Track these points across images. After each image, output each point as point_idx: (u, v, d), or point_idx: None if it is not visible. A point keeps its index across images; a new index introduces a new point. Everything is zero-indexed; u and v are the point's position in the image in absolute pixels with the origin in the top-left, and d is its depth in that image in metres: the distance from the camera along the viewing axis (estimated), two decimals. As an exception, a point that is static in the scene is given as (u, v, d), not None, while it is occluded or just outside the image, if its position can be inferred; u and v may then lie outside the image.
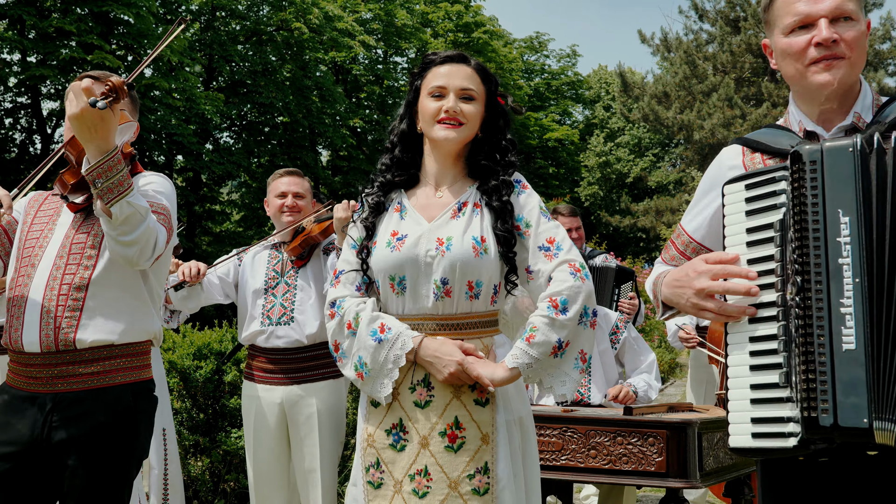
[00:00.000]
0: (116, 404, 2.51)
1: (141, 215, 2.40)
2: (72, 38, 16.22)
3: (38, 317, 2.47)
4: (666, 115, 24.88)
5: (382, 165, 2.52)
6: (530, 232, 2.37)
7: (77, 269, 2.51)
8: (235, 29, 23.00)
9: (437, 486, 2.28)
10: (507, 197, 2.39)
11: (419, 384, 2.32)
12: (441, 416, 2.30)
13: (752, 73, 25.15)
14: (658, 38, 26.63)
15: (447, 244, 2.32)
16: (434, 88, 2.39)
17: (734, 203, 1.86)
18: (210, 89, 21.41)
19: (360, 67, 26.31)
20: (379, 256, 2.38)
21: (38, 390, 2.48)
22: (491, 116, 2.45)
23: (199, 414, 5.40)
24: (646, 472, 3.11)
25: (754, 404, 1.75)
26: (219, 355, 5.40)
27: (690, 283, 1.87)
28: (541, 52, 33.24)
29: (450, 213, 2.38)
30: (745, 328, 1.80)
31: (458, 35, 27.40)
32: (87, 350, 2.49)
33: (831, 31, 1.84)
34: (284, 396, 3.82)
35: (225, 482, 5.34)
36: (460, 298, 2.33)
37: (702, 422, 3.13)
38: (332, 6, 23.13)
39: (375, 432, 2.38)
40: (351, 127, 25.62)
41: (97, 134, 2.30)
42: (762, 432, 1.73)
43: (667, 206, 25.40)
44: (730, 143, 2.05)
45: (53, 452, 2.45)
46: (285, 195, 3.98)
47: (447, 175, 2.46)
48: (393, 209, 2.46)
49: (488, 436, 2.30)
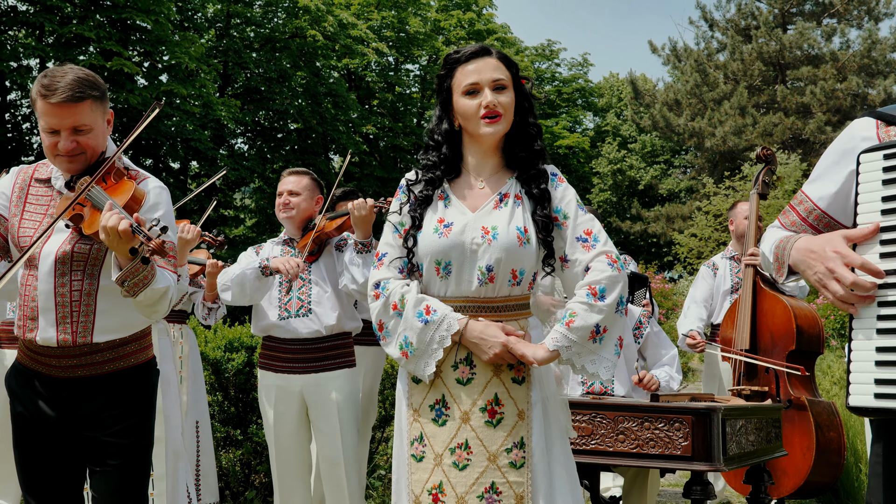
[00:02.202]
0: (132, 381, 2.75)
1: (162, 293, 2.60)
2: (91, 44, 16.42)
3: (54, 321, 2.65)
4: (677, 122, 25.00)
5: (429, 162, 2.65)
6: (568, 223, 2.52)
7: (83, 277, 2.68)
8: (250, 36, 23.22)
9: (476, 458, 2.42)
10: (545, 185, 2.54)
11: (462, 363, 2.47)
12: (482, 393, 2.45)
13: (762, 80, 25.25)
14: (668, 48, 26.79)
15: (493, 233, 2.47)
16: (468, 86, 2.53)
17: (870, 171, 1.89)
18: (225, 96, 21.60)
19: (373, 74, 26.49)
20: (426, 242, 2.52)
21: (58, 376, 2.69)
22: (519, 100, 2.59)
23: (231, 407, 5.56)
24: (672, 456, 3.24)
25: (879, 366, 1.80)
26: (249, 349, 5.56)
27: (825, 259, 1.89)
28: (552, 61, 33.36)
29: (492, 204, 2.53)
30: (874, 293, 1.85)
31: (471, 43, 27.54)
32: (103, 343, 2.70)
33: None
34: (304, 384, 3.98)
35: (256, 473, 5.49)
36: (503, 284, 2.48)
37: (725, 409, 3.26)
38: (345, 14, 23.33)
39: (420, 407, 2.53)
40: (363, 134, 25.81)
41: (123, 249, 2.45)
42: (885, 393, 1.78)
43: (678, 213, 25.50)
44: (861, 115, 2.07)
45: (78, 426, 2.67)
46: (282, 193, 4.16)
47: (486, 167, 2.61)
48: (437, 197, 2.60)
49: (524, 412, 2.45)
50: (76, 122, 2.63)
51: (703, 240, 19.92)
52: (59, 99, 2.58)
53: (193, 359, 4.96)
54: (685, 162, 32.32)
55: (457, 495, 2.42)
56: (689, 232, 20.86)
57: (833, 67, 23.53)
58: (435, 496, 2.45)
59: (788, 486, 4.57)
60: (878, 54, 23.67)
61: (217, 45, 21.91)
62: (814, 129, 22.79)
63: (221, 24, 22.59)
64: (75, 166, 2.70)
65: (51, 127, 2.63)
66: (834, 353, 9.90)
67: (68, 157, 2.67)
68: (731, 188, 19.48)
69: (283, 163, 24.35)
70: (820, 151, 23.03)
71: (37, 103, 2.65)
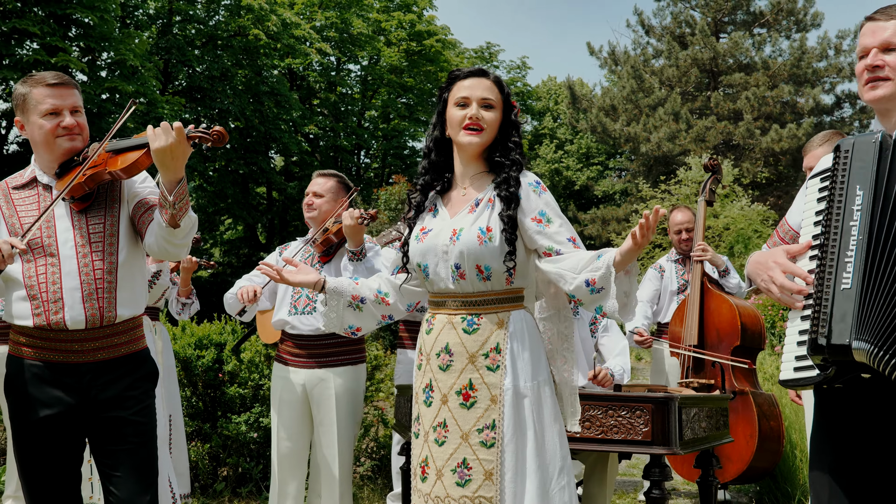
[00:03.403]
0: (143, 363, 3.03)
1: (194, 221, 2.89)
2: (33, 39, 16.21)
3: (81, 299, 2.88)
4: (613, 127, 25.55)
5: (422, 169, 2.96)
6: (552, 225, 2.79)
7: (104, 256, 2.94)
8: (192, 33, 23.09)
9: (452, 436, 2.73)
10: (514, 189, 2.79)
11: (443, 351, 2.77)
12: (458, 378, 2.75)
13: (696, 87, 25.99)
14: (606, 51, 27.35)
15: (458, 234, 2.76)
16: (459, 99, 2.82)
17: (811, 193, 2.34)
18: (166, 93, 21.46)
19: (315, 74, 26.53)
20: (411, 248, 2.87)
21: (78, 361, 2.89)
22: (505, 119, 2.87)
23: (199, 402, 5.72)
24: (633, 441, 3.53)
25: (798, 346, 2.24)
26: (218, 346, 5.73)
27: (767, 269, 2.34)
28: (491, 63, 33.76)
29: (468, 208, 2.82)
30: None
31: (411, 44, 27.71)
32: (121, 323, 2.96)
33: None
34: (307, 378, 4.19)
35: (225, 466, 5.66)
36: (473, 280, 2.75)
37: (682, 397, 3.57)
38: (289, 13, 23.35)
39: (418, 391, 2.86)
40: (305, 133, 25.85)
41: (179, 165, 2.75)
42: (801, 366, 2.23)
43: (613, 216, 26.03)
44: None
45: (102, 408, 2.90)
46: (308, 194, 4.38)
47: (469, 173, 2.89)
48: (427, 210, 2.91)
49: (496, 397, 2.72)
50: (74, 103, 2.98)
51: (640, 242, 20.41)
52: (59, 80, 2.95)
53: (167, 354, 5.11)
54: (620, 164, 33.01)
55: (436, 468, 2.74)
56: (626, 234, 21.40)
57: (764, 75, 24.38)
58: (423, 468, 2.78)
59: (732, 471, 4.93)
60: (806, 64, 24.59)
61: (158, 41, 21.75)
62: (744, 134, 23.57)
63: (163, 21, 22.42)
64: (76, 145, 2.98)
65: (53, 107, 2.93)
66: (765, 352, 10.36)
67: (70, 136, 2.96)
68: (667, 192, 20.08)
69: (224, 161, 24.26)
70: (750, 156, 23.86)
71: (31, 95, 2.93)
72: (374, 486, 5.87)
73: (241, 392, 5.62)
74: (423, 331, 2.88)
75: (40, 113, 2.93)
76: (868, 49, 2.38)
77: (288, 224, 26.99)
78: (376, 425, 6.24)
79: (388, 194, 18.59)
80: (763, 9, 25.68)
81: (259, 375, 5.68)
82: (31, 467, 2.91)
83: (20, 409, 2.91)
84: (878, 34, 2.37)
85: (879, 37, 2.36)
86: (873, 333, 2.10)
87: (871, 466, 2.27)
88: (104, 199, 3.01)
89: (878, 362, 2.10)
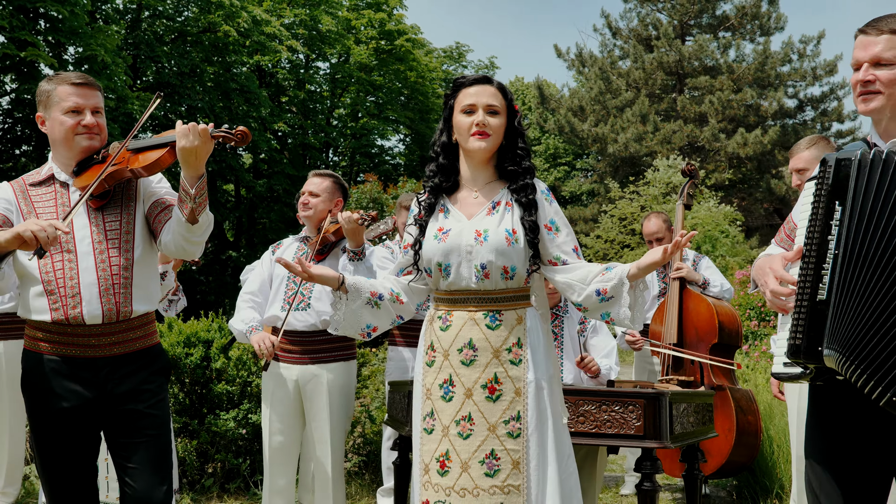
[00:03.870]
0: (157, 360, 3.12)
1: (211, 219, 2.99)
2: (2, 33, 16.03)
3: (98, 294, 2.95)
4: (581, 128, 25.78)
5: (430, 172, 3.07)
6: (560, 235, 2.94)
7: (120, 253, 3.01)
8: (161, 29, 22.93)
9: (478, 429, 2.85)
10: (532, 195, 2.95)
11: (466, 346, 2.88)
12: (483, 373, 2.86)
13: (662, 89, 26.33)
14: (573, 52, 27.59)
15: (484, 236, 2.88)
16: (466, 106, 2.94)
17: (806, 197, 2.50)
18: (136, 90, 21.30)
19: (284, 71, 26.46)
20: (428, 247, 2.96)
21: (95, 355, 2.96)
22: (510, 125, 3.00)
23: (186, 398, 5.76)
24: (626, 435, 3.67)
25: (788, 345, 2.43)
26: (206, 343, 5.78)
27: (765, 275, 2.54)
28: (459, 63, 33.85)
29: (486, 211, 2.95)
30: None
31: (381, 42, 27.74)
32: (136, 318, 3.04)
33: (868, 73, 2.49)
34: (300, 374, 4.27)
35: (212, 462, 5.71)
36: (497, 280, 2.89)
37: (672, 393, 3.71)
38: (259, 10, 23.27)
39: (432, 386, 2.93)
40: (274, 131, 25.77)
41: (201, 162, 2.85)
42: (787, 362, 2.43)
43: (580, 216, 26.28)
44: None
45: (119, 401, 2.97)
46: (304, 193, 4.46)
47: (480, 178, 3.01)
48: (438, 211, 3.02)
49: (520, 390, 2.86)
50: (97, 104, 3.08)
51: (609, 242, 20.73)
52: (83, 80, 3.05)
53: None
54: (587, 165, 33.31)
55: (461, 461, 2.84)
56: (594, 234, 21.65)
57: (729, 79, 24.75)
58: (442, 462, 2.87)
59: (712, 465, 5.09)
60: (770, 67, 25.01)
61: (127, 37, 21.57)
62: (709, 137, 23.94)
63: (132, 16, 22.24)
64: (94, 144, 3.08)
65: (76, 105, 3.03)
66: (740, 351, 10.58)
67: (89, 135, 3.05)
68: (636, 192, 20.34)
69: (192, 158, 24.01)
70: (714, 158, 24.26)
71: (55, 91, 3.03)
72: (361, 481, 5.95)
73: (228, 389, 5.67)
74: (434, 328, 2.97)
75: (62, 110, 3.01)
76: (860, 63, 2.51)
77: (256, 222, 26.88)
78: (363, 421, 6.32)
79: (360, 192, 18.68)
80: (728, 12, 26.06)
81: (247, 373, 5.74)
82: (50, 460, 2.97)
83: (39, 403, 2.97)
84: (869, 49, 2.50)
85: (870, 51, 2.49)
86: (842, 343, 2.27)
87: (861, 454, 2.43)
88: (121, 197, 3.09)
89: (846, 370, 2.28)
